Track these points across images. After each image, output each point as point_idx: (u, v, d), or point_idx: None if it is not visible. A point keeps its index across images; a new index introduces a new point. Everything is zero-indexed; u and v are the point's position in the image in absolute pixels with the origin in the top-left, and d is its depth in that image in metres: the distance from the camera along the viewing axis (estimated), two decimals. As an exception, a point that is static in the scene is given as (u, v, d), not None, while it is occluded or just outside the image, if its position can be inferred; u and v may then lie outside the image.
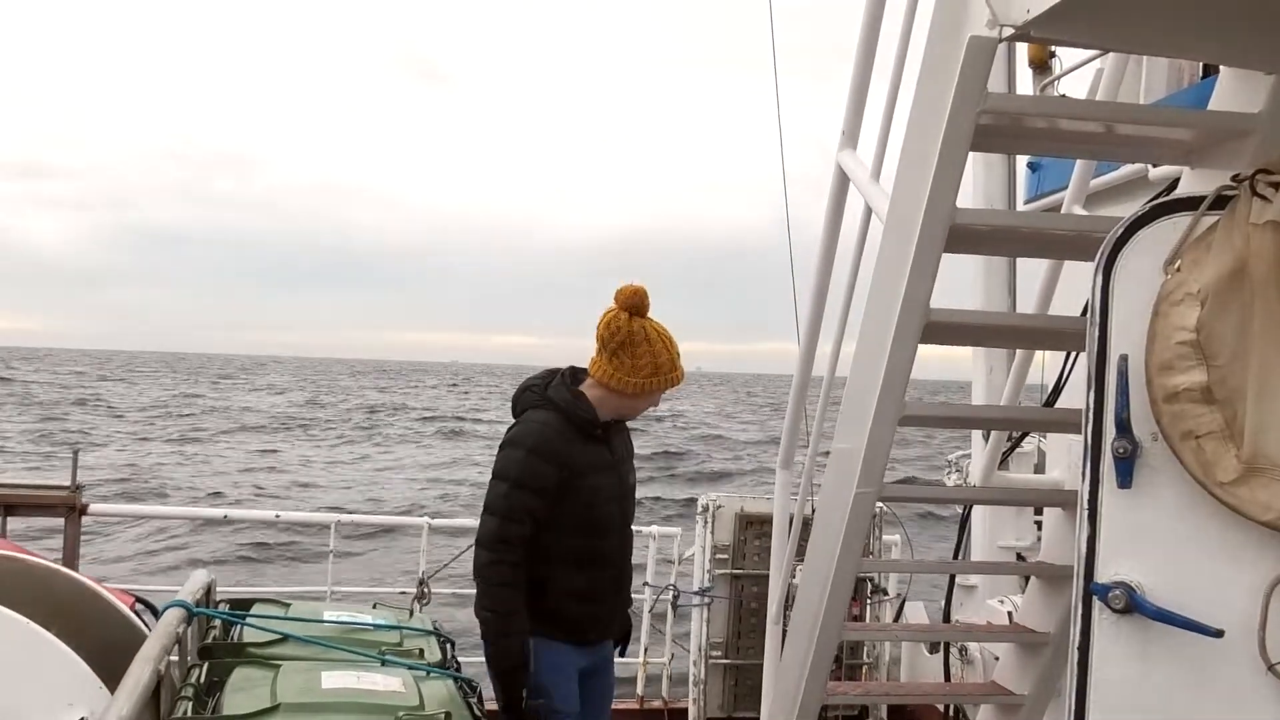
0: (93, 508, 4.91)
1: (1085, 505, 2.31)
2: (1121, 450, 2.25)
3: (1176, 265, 2.23)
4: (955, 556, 4.32)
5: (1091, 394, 2.32)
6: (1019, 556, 4.95)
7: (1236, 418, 2.16)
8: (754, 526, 5.34)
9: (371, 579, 11.51)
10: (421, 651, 2.66)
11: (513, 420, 3.23)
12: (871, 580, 5.36)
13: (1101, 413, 2.30)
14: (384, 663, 2.46)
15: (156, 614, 4.10)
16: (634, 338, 3.09)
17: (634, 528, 5.46)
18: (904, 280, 2.66)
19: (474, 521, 6.02)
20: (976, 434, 5.18)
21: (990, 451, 4.00)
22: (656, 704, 5.41)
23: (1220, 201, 2.19)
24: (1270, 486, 2.14)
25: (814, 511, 3.61)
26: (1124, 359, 2.26)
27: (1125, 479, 2.28)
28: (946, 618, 4.27)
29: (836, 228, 3.31)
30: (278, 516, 5.10)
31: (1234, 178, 2.17)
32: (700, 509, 5.32)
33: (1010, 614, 3.98)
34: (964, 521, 4.15)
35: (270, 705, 2.07)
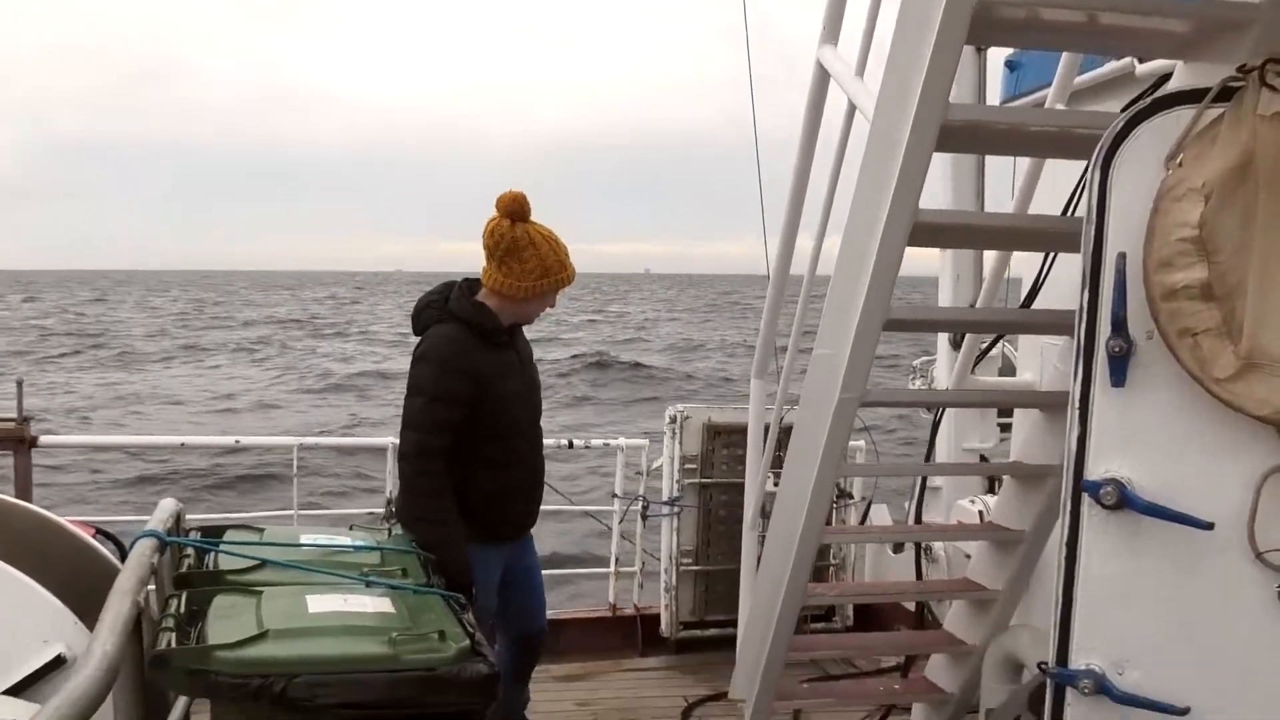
0: (43, 440, 4.73)
1: (1077, 404, 2.29)
2: (1117, 349, 2.23)
3: (1178, 160, 2.17)
4: (927, 459, 4.35)
5: (1086, 293, 2.28)
6: (981, 458, 5.01)
7: (1235, 314, 2.14)
8: (721, 436, 5.34)
9: (337, 499, 11.46)
10: (405, 571, 2.59)
11: (415, 336, 3.31)
12: (838, 484, 5.41)
13: (1096, 311, 2.27)
14: (368, 584, 2.40)
15: (120, 545, 4.00)
16: (518, 243, 3.15)
17: (606, 441, 5.48)
18: (893, 179, 2.59)
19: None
20: (943, 339, 5.19)
21: (965, 355, 3.99)
22: (629, 611, 5.46)
23: (1225, 94, 2.13)
24: (1267, 382, 2.14)
25: (780, 421, 3.60)
26: (1121, 256, 2.22)
27: (1119, 377, 2.26)
28: (918, 519, 4.33)
29: (816, 125, 3.21)
30: (237, 442, 4.95)
31: (1240, 69, 2.11)
32: (668, 420, 5.29)
33: (981, 513, 4.04)
34: (936, 425, 4.17)
35: (258, 632, 2.00)
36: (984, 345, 3.93)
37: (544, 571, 6.33)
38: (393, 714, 1.97)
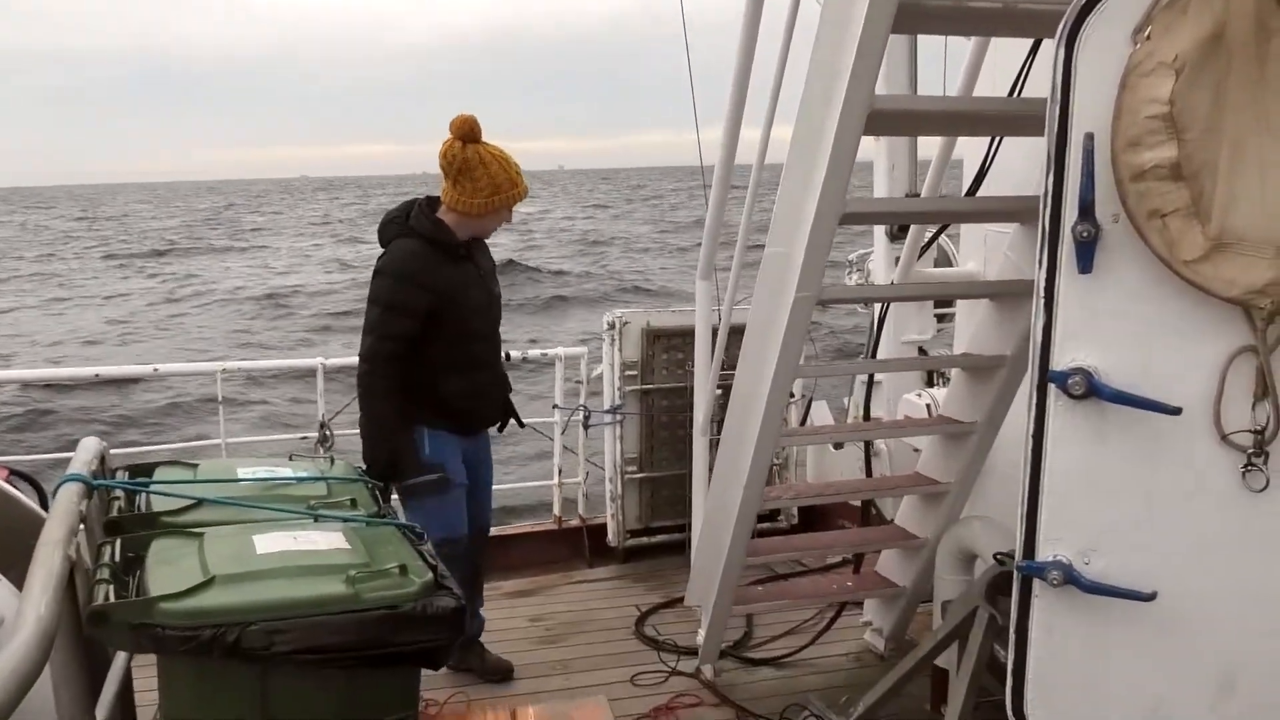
0: (-63, 377, 4.40)
1: (1042, 293, 2.23)
2: (1084, 234, 2.16)
3: (1146, 33, 2.08)
4: (871, 355, 4.33)
5: (1050, 176, 2.20)
6: (920, 350, 5.02)
7: (1204, 194, 2.09)
8: (661, 340, 5.25)
9: (264, 428, 11.05)
10: (354, 501, 2.46)
11: (381, 250, 3.51)
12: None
13: (1061, 196, 2.20)
14: (317, 519, 2.26)
15: (38, 488, 3.78)
16: (469, 163, 3.33)
17: (544, 351, 5.35)
18: (848, 65, 2.46)
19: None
20: (879, 232, 5.13)
21: (910, 247, 3.94)
22: (574, 523, 5.42)
23: (1196, -40, 2.03)
24: (1236, 261, 2.10)
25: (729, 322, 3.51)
26: (1089, 137, 2.13)
27: (1086, 264, 2.20)
28: (866, 415, 4.32)
29: (759, 5, 3.04)
30: (155, 370, 4.67)
31: (1213, -69, 2.01)
32: (607, 326, 5.18)
33: (929, 406, 4.05)
34: (880, 320, 4.14)
35: (204, 579, 1.85)
36: (929, 236, 3.88)
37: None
38: (356, 656, 1.85)
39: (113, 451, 2.72)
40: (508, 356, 5.37)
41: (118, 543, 2.09)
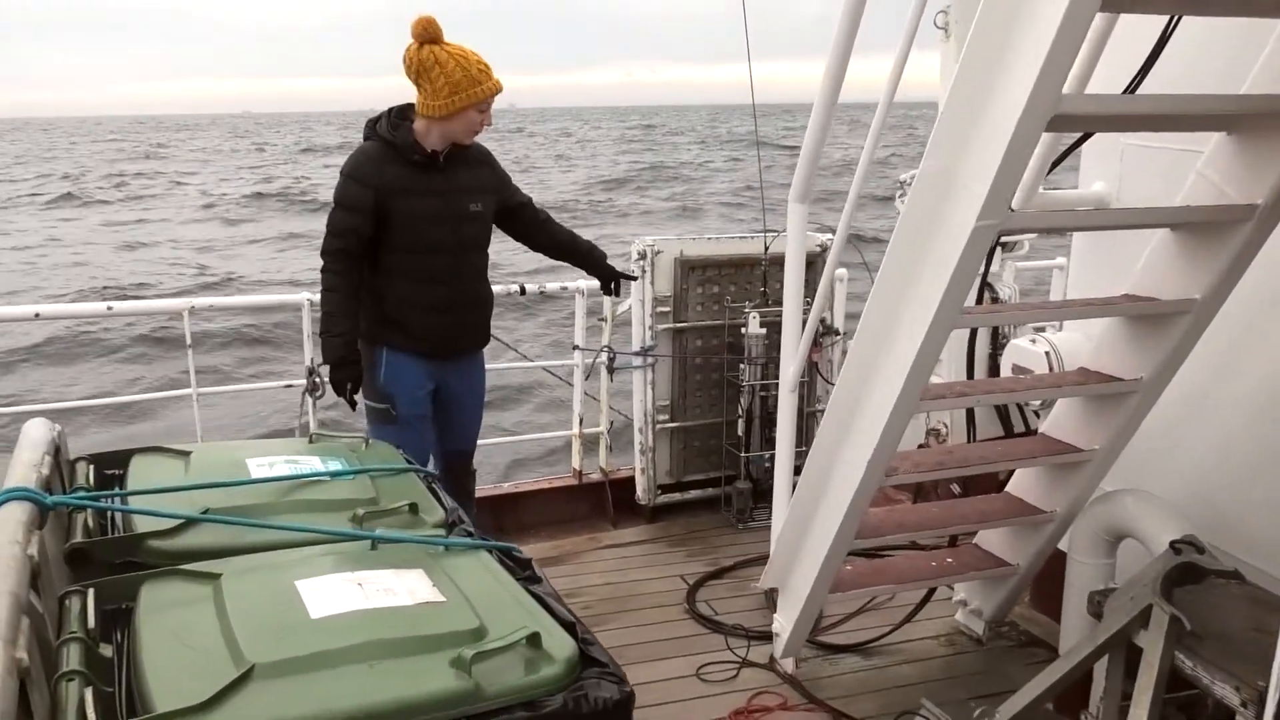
0: None
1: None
2: None
3: None
4: (979, 299, 3.70)
5: None
6: (987, 288, 4.39)
7: None
8: (696, 272, 4.57)
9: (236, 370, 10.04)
10: (414, 507, 1.78)
11: None
12: (823, 319, 4.76)
13: None
14: (375, 543, 1.58)
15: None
16: (425, 65, 3.20)
17: (563, 285, 4.63)
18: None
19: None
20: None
21: (1040, 164, 3.28)
22: (595, 476, 4.78)
23: None
24: None
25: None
26: None
27: None
28: (971, 371, 3.71)
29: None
30: (110, 309, 3.86)
31: None
32: (636, 256, 4.47)
33: (1048, 354, 3.43)
34: (990, 252, 3.49)
35: (238, 675, 1.18)
36: (1062, 149, 3.21)
37: (497, 440, 5.70)
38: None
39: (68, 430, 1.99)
40: (522, 290, 4.68)
41: (89, 596, 1.39)
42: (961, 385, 2.93)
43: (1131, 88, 2.93)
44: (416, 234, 3.29)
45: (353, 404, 3.35)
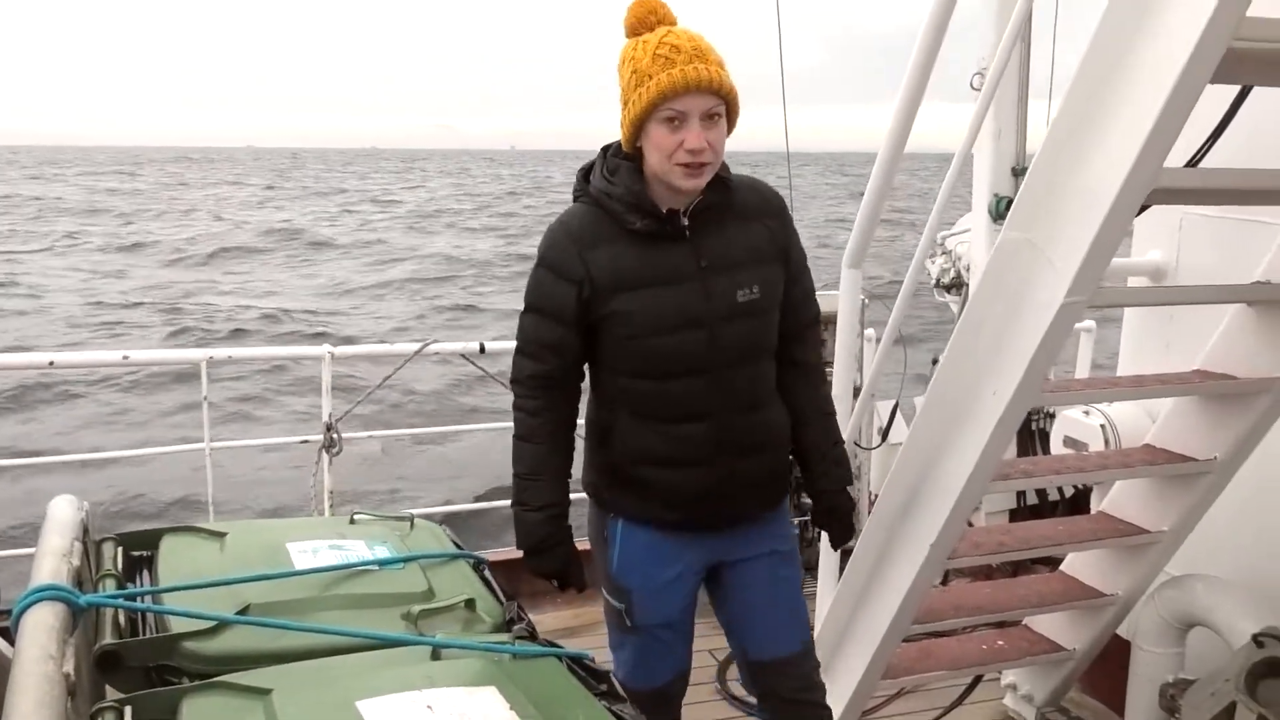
0: None
1: None
2: None
3: None
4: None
5: None
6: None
7: None
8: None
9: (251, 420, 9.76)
10: (471, 603, 1.63)
11: None
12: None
13: None
14: (435, 650, 1.43)
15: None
16: (619, 66, 2.07)
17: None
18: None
19: (383, 348, 4.89)
20: (979, 206, 4.38)
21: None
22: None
23: None
24: None
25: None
26: None
27: None
28: (1021, 446, 3.57)
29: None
30: (126, 358, 3.71)
31: None
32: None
33: (1104, 427, 3.30)
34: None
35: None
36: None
37: (486, 504, 5.43)
38: None
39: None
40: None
41: (126, 715, 1.23)
42: (1026, 464, 2.79)
43: (1195, 160, 2.83)
44: (648, 348, 2.12)
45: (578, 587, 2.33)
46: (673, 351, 2.10)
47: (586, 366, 2.23)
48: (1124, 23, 1.88)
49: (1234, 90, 2.62)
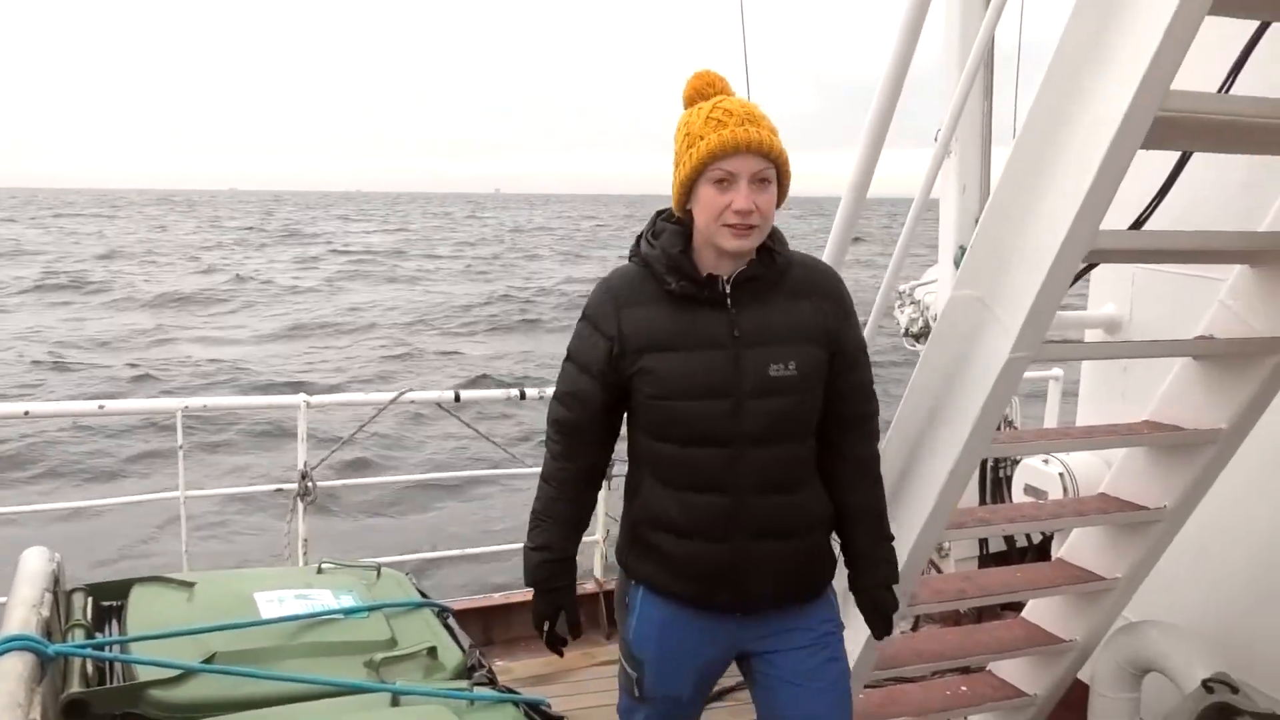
0: None
1: None
2: None
3: None
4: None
5: None
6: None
7: None
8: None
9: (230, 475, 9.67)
10: (433, 651, 1.68)
11: None
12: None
13: None
14: (395, 698, 1.47)
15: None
16: (677, 133, 2.08)
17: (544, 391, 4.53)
18: (1137, 44, 1.77)
19: (359, 396, 4.93)
20: (944, 257, 4.49)
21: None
22: (590, 587, 4.64)
23: None
24: None
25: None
26: None
27: None
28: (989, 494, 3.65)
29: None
30: (101, 407, 3.73)
31: None
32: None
33: (1062, 475, 3.39)
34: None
35: None
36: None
37: (482, 550, 5.46)
38: None
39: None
40: (522, 394, 4.59)
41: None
42: (984, 512, 2.86)
43: (1141, 220, 2.95)
44: (672, 411, 2.10)
45: (557, 650, 2.23)
46: (696, 418, 2.07)
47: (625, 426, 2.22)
48: (1061, 90, 1.99)
49: (1175, 155, 2.76)
